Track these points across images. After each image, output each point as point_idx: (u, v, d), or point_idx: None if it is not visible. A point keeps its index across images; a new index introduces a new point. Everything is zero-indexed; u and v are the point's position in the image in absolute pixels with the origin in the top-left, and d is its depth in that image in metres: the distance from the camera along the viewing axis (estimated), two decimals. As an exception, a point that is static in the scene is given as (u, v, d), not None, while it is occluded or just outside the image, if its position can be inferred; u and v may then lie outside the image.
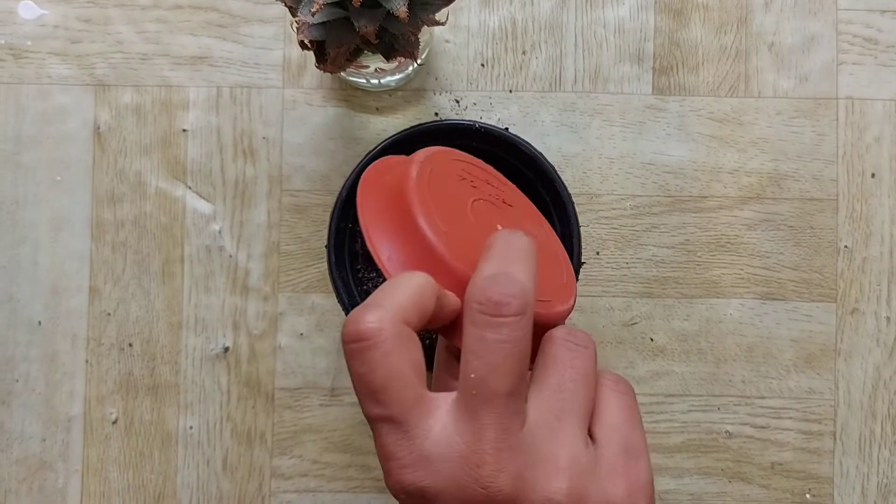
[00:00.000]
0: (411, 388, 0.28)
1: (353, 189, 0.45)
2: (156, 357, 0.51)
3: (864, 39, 0.52)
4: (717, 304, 0.52)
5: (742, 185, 0.52)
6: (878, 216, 0.52)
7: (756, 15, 0.52)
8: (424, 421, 0.28)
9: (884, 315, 0.51)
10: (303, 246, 0.52)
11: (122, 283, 0.51)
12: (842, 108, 0.52)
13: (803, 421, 0.51)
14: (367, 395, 0.28)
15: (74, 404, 0.51)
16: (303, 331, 0.51)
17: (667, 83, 0.52)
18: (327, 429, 0.51)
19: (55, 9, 0.52)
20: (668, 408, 0.51)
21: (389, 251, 0.31)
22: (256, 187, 0.52)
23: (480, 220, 0.35)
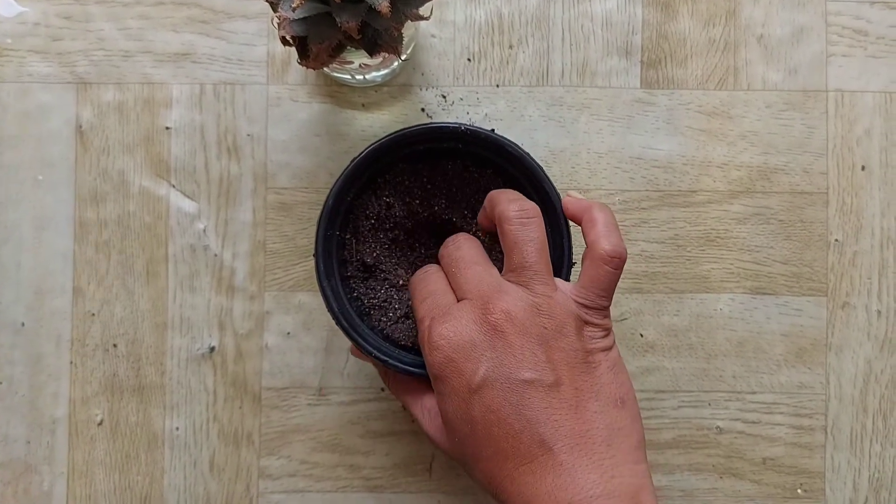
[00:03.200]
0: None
1: (339, 196, 0.44)
2: (141, 358, 0.51)
3: (853, 31, 0.52)
4: (708, 299, 0.51)
5: (731, 179, 0.51)
6: (868, 209, 0.51)
7: (744, 7, 0.52)
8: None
9: (875, 309, 0.51)
10: (289, 244, 0.51)
11: (106, 284, 0.51)
12: (831, 101, 0.52)
13: (794, 416, 0.51)
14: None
15: (59, 406, 0.51)
16: (290, 330, 0.51)
17: (655, 77, 0.52)
18: (315, 428, 0.51)
19: (35, 6, 0.51)
20: (659, 404, 0.51)
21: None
22: (241, 185, 0.51)
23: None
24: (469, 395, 0.38)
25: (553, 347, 0.38)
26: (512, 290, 0.39)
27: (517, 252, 0.39)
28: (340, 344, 0.51)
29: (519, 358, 0.37)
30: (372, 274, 0.47)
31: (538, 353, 0.38)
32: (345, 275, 0.46)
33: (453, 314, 0.39)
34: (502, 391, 0.37)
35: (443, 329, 0.39)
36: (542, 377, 0.37)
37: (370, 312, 0.47)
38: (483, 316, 0.38)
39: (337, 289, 0.45)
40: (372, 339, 0.44)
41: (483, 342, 0.38)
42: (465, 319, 0.39)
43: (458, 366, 0.38)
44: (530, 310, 0.38)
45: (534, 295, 0.39)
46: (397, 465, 0.51)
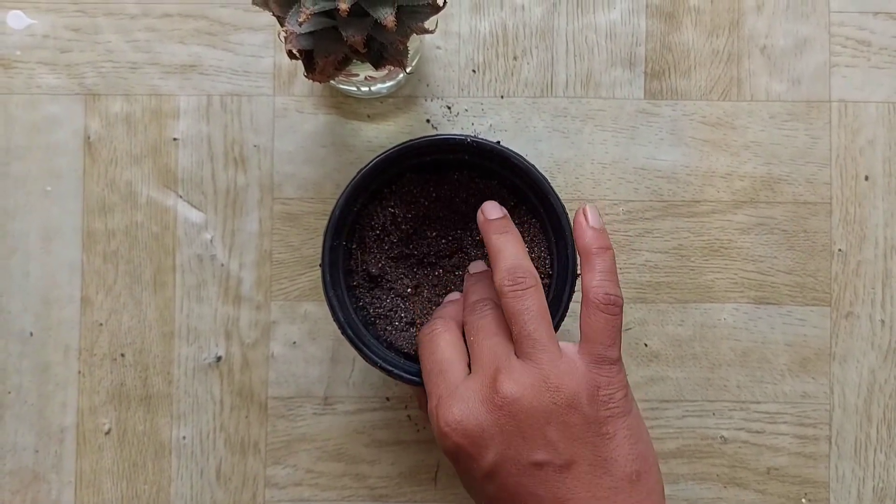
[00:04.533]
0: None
1: (345, 207, 0.44)
2: (148, 367, 0.51)
3: (856, 41, 0.52)
4: (712, 308, 0.51)
5: (735, 189, 0.52)
6: (872, 219, 0.51)
7: (748, 18, 0.52)
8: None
9: (878, 318, 0.51)
10: (295, 254, 0.51)
11: (114, 294, 0.51)
12: (835, 111, 0.52)
13: (798, 425, 0.51)
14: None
15: (67, 415, 0.51)
16: (296, 339, 0.51)
17: (659, 87, 0.52)
18: (321, 438, 0.51)
19: (44, 18, 0.52)
20: (663, 413, 0.51)
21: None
22: (248, 196, 0.51)
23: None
24: (482, 478, 0.37)
25: (564, 424, 0.37)
26: (518, 366, 0.38)
27: (516, 323, 0.39)
28: (346, 353, 0.51)
29: (529, 440, 0.36)
30: (377, 284, 0.47)
31: (549, 433, 0.36)
32: (350, 284, 0.47)
33: (462, 395, 0.38)
34: (514, 475, 0.36)
35: (450, 415, 0.37)
36: (553, 459, 0.36)
37: (375, 322, 0.47)
38: (491, 396, 0.37)
39: (343, 299, 0.45)
40: (377, 349, 0.45)
41: (491, 426, 0.37)
42: (472, 401, 0.38)
43: (468, 451, 0.37)
44: (538, 386, 0.37)
45: (539, 367, 0.37)
46: (403, 475, 0.51)
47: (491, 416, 0.37)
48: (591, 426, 0.37)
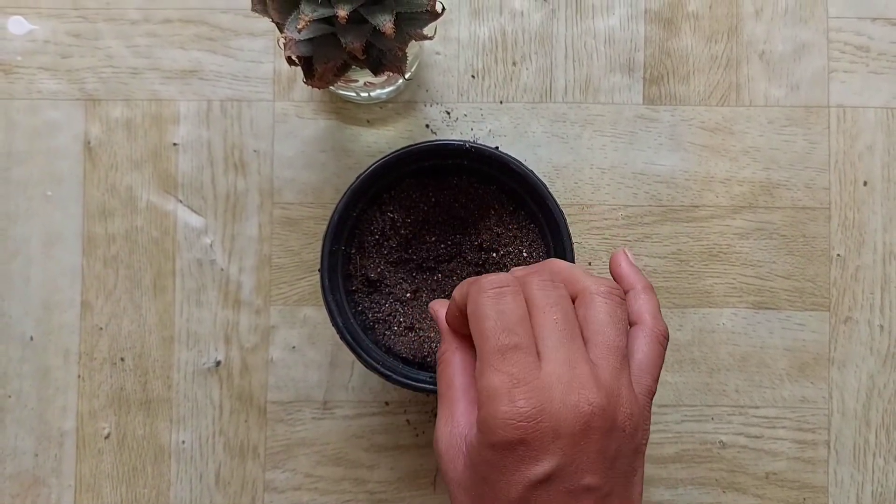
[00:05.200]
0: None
1: (344, 213, 0.45)
2: (148, 371, 0.51)
3: (854, 47, 0.52)
4: (710, 313, 0.51)
5: (734, 195, 0.52)
6: (870, 224, 0.52)
7: (746, 24, 0.52)
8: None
9: (877, 323, 0.51)
10: (294, 259, 0.52)
11: (114, 298, 0.51)
12: (833, 116, 0.52)
13: (797, 430, 0.51)
14: (503, 329, 0.33)
15: (67, 419, 0.51)
16: (295, 344, 0.51)
17: (657, 93, 0.52)
18: (320, 442, 0.51)
19: (45, 24, 0.52)
20: (662, 418, 0.51)
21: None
22: (248, 200, 0.52)
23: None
24: (523, 485, 0.32)
25: (619, 453, 0.33)
26: (602, 374, 0.34)
27: (603, 330, 0.35)
28: (345, 358, 0.51)
29: (591, 461, 0.33)
30: (376, 288, 0.48)
31: (606, 455, 0.33)
32: (349, 289, 0.47)
33: (546, 388, 0.33)
34: (560, 493, 0.32)
35: (527, 403, 0.32)
36: (600, 486, 0.33)
37: (374, 326, 0.47)
38: (573, 397, 0.32)
39: (342, 303, 0.45)
40: (376, 354, 0.45)
41: (568, 434, 0.32)
42: (559, 402, 0.32)
43: (525, 452, 0.32)
44: (614, 403, 0.33)
45: (619, 383, 0.34)
46: (401, 479, 0.51)
47: (569, 415, 0.32)
48: (631, 458, 0.34)
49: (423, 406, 0.51)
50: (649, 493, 0.51)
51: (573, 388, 0.33)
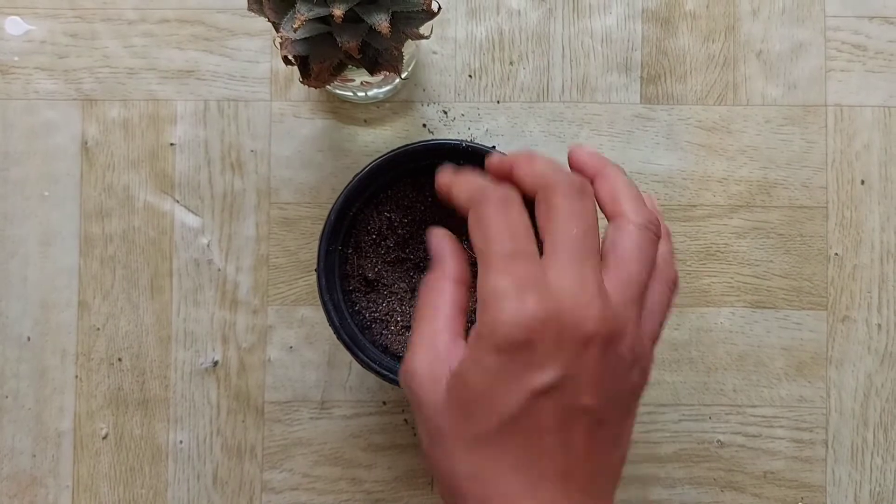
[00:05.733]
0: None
1: (341, 212, 0.45)
2: (145, 371, 0.51)
3: (852, 46, 0.52)
4: (708, 312, 0.51)
5: (731, 194, 0.52)
6: (868, 223, 0.52)
7: (744, 23, 0.52)
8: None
9: (875, 322, 0.51)
10: (291, 259, 0.52)
11: (111, 298, 0.51)
12: (831, 115, 0.52)
13: (795, 429, 0.51)
14: (511, 235, 0.32)
15: (64, 420, 0.51)
16: (292, 344, 0.51)
17: (655, 92, 0.52)
18: (317, 442, 0.51)
19: (42, 24, 0.52)
20: (660, 417, 0.51)
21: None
22: (245, 200, 0.52)
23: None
24: (525, 394, 0.31)
25: (617, 382, 0.32)
26: (612, 288, 0.32)
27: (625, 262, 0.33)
28: (342, 358, 0.51)
29: (590, 380, 0.31)
30: (373, 288, 0.48)
31: (605, 383, 0.32)
32: (347, 289, 0.47)
33: (554, 296, 0.31)
34: (559, 409, 0.31)
35: (536, 305, 0.31)
36: (596, 409, 0.32)
37: (371, 326, 0.47)
38: (586, 299, 0.31)
39: (339, 303, 0.45)
40: (373, 354, 0.45)
41: (571, 346, 0.31)
42: (567, 313, 0.31)
43: (530, 357, 0.31)
44: (623, 316, 0.32)
45: (635, 299, 0.33)
46: (399, 479, 0.51)
47: (575, 327, 0.31)
48: (628, 396, 0.33)
49: (420, 406, 0.51)
50: (647, 493, 0.51)
51: (581, 304, 0.31)
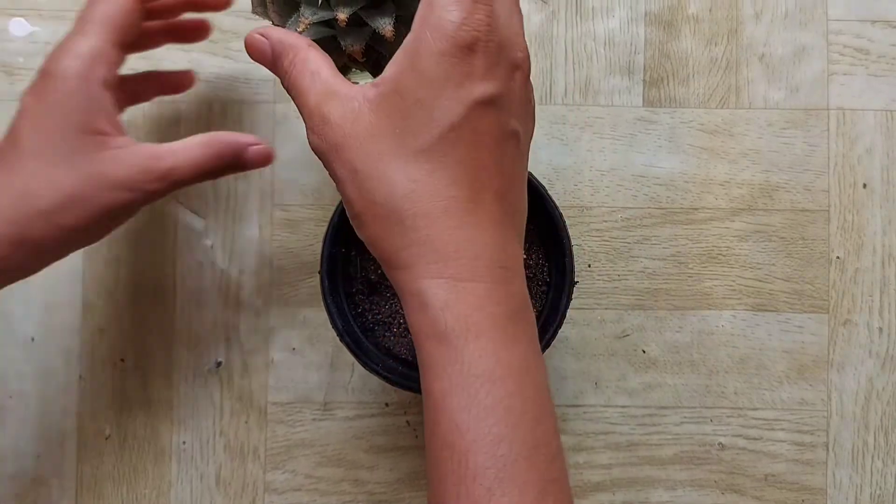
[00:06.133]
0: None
1: (343, 215, 0.45)
2: (148, 372, 0.51)
3: (854, 49, 0.52)
4: (709, 315, 0.52)
5: (733, 197, 0.52)
6: (870, 227, 0.52)
7: (746, 26, 0.52)
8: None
9: (876, 326, 0.51)
10: (294, 260, 0.52)
11: (115, 299, 0.52)
12: (833, 119, 0.52)
13: (796, 432, 0.51)
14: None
15: (68, 420, 0.51)
16: (295, 345, 0.52)
17: (657, 95, 0.52)
18: (320, 443, 0.51)
19: (46, 26, 0.52)
20: (661, 420, 0.51)
21: None
22: (248, 202, 0.52)
23: None
24: (468, 101, 0.32)
25: (527, 114, 0.35)
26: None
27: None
28: (345, 359, 0.51)
29: (517, 106, 0.34)
30: (377, 290, 0.48)
31: (526, 114, 0.35)
32: (350, 291, 0.47)
33: (493, 14, 0.32)
34: (494, 123, 0.33)
35: (483, 18, 0.32)
36: (519, 136, 0.34)
37: (374, 328, 0.47)
38: (515, 46, 0.33)
39: (342, 306, 0.45)
40: (375, 356, 0.45)
41: (506, 64, 0.33)
42: (504, 31, 0.33)
43: (473, 65, 0.32)
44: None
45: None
46: (401, 480, 0.51)
47: (509, 48, 0.33)
48: (532, 123, 0.36)
49: (421, 407, 0.51)
50: (648, 495, 0.51)
51: (514, 32, 0.33)
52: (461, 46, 0.31)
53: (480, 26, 0.32)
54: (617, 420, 0.51)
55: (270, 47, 0.36)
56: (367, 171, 0.33)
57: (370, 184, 0.32)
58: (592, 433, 0.51)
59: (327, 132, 0.33)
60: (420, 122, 0.32)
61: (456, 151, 0.32)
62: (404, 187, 0.32)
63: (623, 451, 0.51)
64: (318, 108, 0.34)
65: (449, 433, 0.31)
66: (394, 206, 0.32)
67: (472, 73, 0.32)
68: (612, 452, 0.51)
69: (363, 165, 0.33)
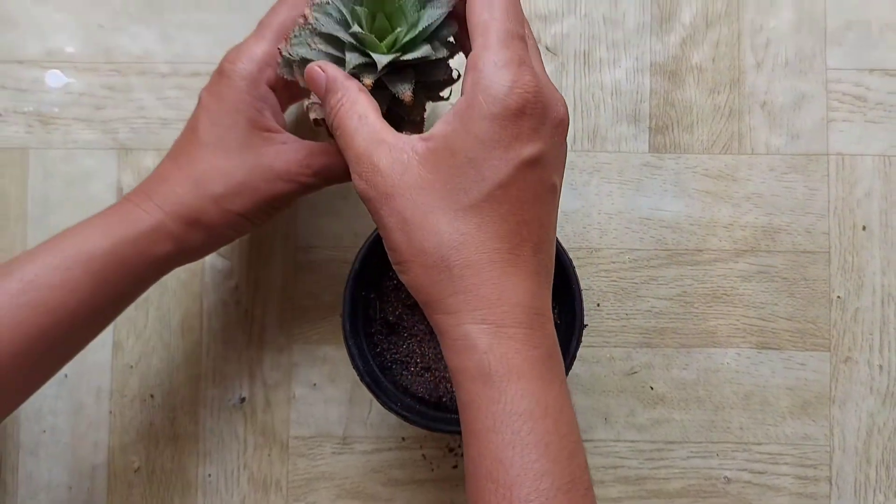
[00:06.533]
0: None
1: (365, 261, 0.47)
2: (176, 408, 0.54)
3: (853, 97, 0.54)
4: (715, 353, 0.53)
5: (737, 239, 0.54)
6: (869, 267, 0.54)
7: (748, 75, 0.54)
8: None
9: (876, 363, 0.53)
10: (316, 300, 0.54)
11: (144, 338, 0.54)
12: (832, 164, 0.54)
13: (799, 466, 0.53)
14: (515, 16, 0.36)
15: (99, 454, 0.54)
16: (316, 381, 0.54)
17: (663, 142, 0.54)
18: (340, 476, 0.53)
19: (80, 77, 0.55)
20: (669, 454, 0.53)
21: None
22: (272, 245, 0.54)
23: None
24: (515, 162, 0.35)
25: (565, 153, 0.38)
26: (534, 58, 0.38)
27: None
28: (363, 395, 0.54)
29: (558, 162, 0.37)
30: (394, 330, 0.50)
31: (563, 165, 0.38)
32: (369, 331, 0.49)
33: (539, 76, 0.35)
34: (537, 182, 0.36)
35: (532, 79, 0.35)
36: (558, 191, 0.38)
37: (392, 367, 0.49)
38: (559, 102, 0.36)
39: (362, 347, 0.48)
40: (393, 395, 0.47)
41: (551, 123, 0.36)
42: (548, 92, 0.36)
43: (522, 127, 0.35)
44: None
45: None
46: (418, 512, 0.53)
47: (553, 107, 0.36)
48: (563, 159, 0.38)
49: (438, 441, 0.53)
50: (656, 527, 0.53)
51: (553, 90, 0.36)
52: (512, 110, 0.34)
53: (529, 88, 0.34)
54: (626, 454, 0.53)
55: (325, 80, 0.39)
56: (418, 222, 0.35)
57: (420, 234, 0.35)
58: (603, 467, 0.53)
59: (377, 180, 0.36)
60: (471, 179, 0.35)
61: (502, 208, 0.35)
62: (453, 239, 0.35)
63: (632, 485, 0.53)
64: (366, 153, 0.36)
65: (493, 467, 0.34)
66: (442, 255, 0.35)
67: (521, 134, 0.34)
68: (621, 486, 0.53)
69: (413, 216, 0.35)
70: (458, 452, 0.53)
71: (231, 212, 0.43)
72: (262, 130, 0.44)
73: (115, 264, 0.42)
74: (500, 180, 0.34)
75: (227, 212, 0.43)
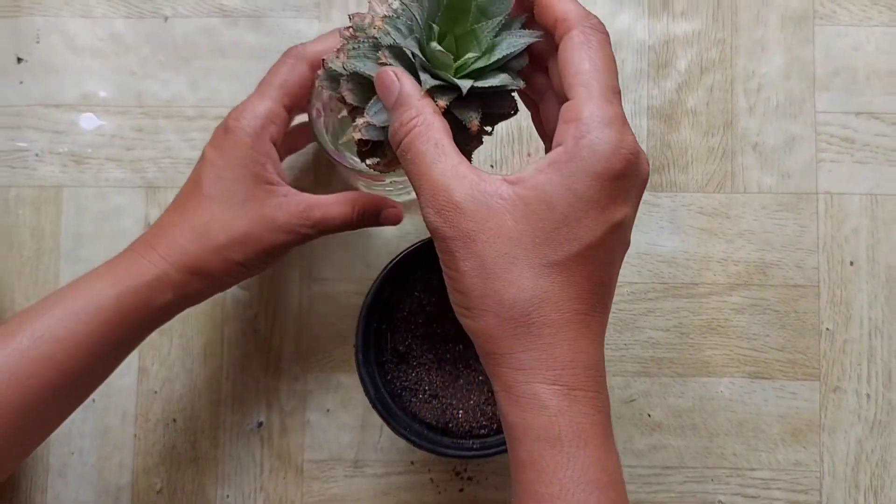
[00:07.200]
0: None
1: (377, 295, 0.50)
2: (197, 432, 0.57)
3: (840, 139, 0.57)
4: (709, 382, 0.56)
5: (730, 273, 0.57)
6: (857, 301, 0.56)
7: (741, 118, 0.58)
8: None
9: (864, 392, 0.56)
10: (330, 329, 0.57)
11: (168, 364, 0.57)
12: (821, 202, 0.57)
13: (791, 491, 0.55)
14: (615, 69, 0.36)
15: (123, 475, 0.56)
16: (329, 407, 0.57)
17: (659, 181, 0.57)
18: (351, 498, 0.56)
19: (112, 120, 0.58)
20: (665, 479, 0.55)
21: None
22: (288, 276, 0.57)
23: None
24: (608, 225, 0.34)
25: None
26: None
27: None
28: (375, 420, 0.56)
29: (634, 220, 0.36)
30: (404, 359, 0.53)
31: (633, 221, 0.36)
32: (380, 360, 0.52)
33: (633, 135, 0.35)
34: (621, 242, 0.36)
35: (634, 141, 0.34)
36: (628, 244, 0.37)
37: (402, 394, 0.52)
38: (644, 162, 0.35)
39: (374, 376, 0.50)
40: (403, 421, 0.50)
41: (640, 185, 0.35)
42: (641, 155, 0.35)
43: (620, 189, 0.34)
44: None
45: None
46: (426, 533, 0.56)
47: (644, 168, 0.35)
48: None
49: (445, 465, 0.56)
50: (654, 550, 0.55)
51: (640, 150, 0.35)
52: (615, 171, 0.33)
53: (633, 150, 0.34)
54: (625, 479, 0.55)
55: (398, 91, 0.36)
56: (498, 272, 0.33)
57: (499, 284, 0.33)
58: (602, 491, 0.55)
59: (458, 220, 0.34)
60: (562, 236, 0.33)
61: (586, 269, 0.34)
62: (533, 295, 0.33)
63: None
64: (445, 188, 0.34)
65: None
66: (521, 310, 0.33)
67: (618, 196, 0.34)
68: (620, 509, 0.55)
69: (495, 265, 0.33)
70: (464, 476, 0.56)
71: (232, 261, 0.45)
72: (265, 184, 0.46)
73: (121, 315, 0.43)
74: (591, 241, 0.33)
75: (229, 261, 0.45)
